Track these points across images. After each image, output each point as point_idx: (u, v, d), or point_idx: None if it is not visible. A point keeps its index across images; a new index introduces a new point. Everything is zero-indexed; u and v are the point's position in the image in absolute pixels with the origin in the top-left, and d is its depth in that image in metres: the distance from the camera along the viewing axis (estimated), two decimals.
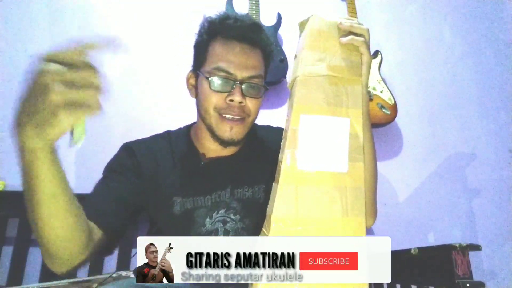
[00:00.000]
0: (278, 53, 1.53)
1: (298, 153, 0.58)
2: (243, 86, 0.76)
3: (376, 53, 1.62)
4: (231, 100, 0.75)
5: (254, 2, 1.55)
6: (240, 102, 0.75)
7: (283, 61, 1.52)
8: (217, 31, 0.78)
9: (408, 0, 1.90)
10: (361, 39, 0.66)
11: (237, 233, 0.77)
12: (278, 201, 0.57)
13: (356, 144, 0.61)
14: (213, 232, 0.76)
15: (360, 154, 0.61)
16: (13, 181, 1.28)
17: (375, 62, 1.60)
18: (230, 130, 0.76)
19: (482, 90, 1.83)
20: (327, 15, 0.68)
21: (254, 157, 0.86)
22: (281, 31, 1.61)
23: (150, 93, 1.51)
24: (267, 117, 1.56)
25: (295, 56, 0.68)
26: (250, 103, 0.77)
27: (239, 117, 0.76)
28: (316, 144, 0.59)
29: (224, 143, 0.79)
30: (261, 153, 0.87)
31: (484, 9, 1.94)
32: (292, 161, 0.58)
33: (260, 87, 0.79)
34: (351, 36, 0.66)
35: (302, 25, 0.69)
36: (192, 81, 0.84)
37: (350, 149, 0.60)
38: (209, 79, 0.75)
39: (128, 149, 0.81)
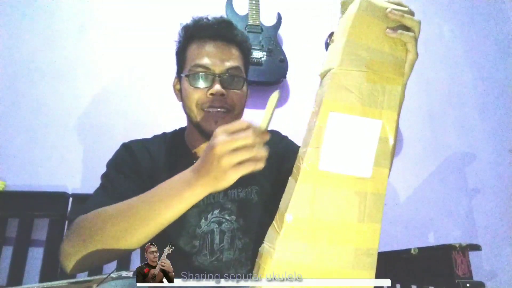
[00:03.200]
0: (278, 53, 1.53)
1: (322, 153, 0.54)
2: (223, 79, 0.77)
3: None
4: (212, 94, 0.76)
5: (254, 2, 1.55)
6: (222, 94, 0.76)
7: (283, 61, 1.52)
8: (192, 35, 0.81)
9: (408, 0, 1.90)
10: (411, 34, 0.59)
11: (233, 233, 0.77)
12: (294, 199, 0.53)
13: (385, 148, 0.57)
14: (209, 233, 0.76)
15: (387, 160, 0.57)
16: (13, 181, 1.28)
17: None
18: (216, 124, 0.76)
19: (482, 90, 1.82)
20: None
21: None
22: (281, 31, 1.61)
23: (151, 94, 1.51)
24: None
25: (332, 40, 0.60)
26: (233, 95, 0.78)
27: (223, 110, 0.77)
28: (342, 146, 0.55)
29: None
30: None
31: (484, 9, 1.94)
32: (314, 160, 0.54)
33: (240, 79, 0.80)
34: (400, 31, 0.58)
35: (345, 5, 0.60)
36: (178, 86, 0.86)
37: (377, 153, 0.56)
38: (189, 77, 0.78)
39: (128, 148, 0.83)
